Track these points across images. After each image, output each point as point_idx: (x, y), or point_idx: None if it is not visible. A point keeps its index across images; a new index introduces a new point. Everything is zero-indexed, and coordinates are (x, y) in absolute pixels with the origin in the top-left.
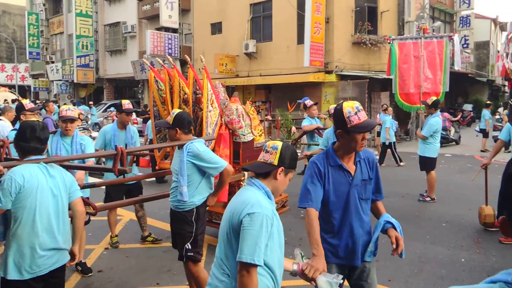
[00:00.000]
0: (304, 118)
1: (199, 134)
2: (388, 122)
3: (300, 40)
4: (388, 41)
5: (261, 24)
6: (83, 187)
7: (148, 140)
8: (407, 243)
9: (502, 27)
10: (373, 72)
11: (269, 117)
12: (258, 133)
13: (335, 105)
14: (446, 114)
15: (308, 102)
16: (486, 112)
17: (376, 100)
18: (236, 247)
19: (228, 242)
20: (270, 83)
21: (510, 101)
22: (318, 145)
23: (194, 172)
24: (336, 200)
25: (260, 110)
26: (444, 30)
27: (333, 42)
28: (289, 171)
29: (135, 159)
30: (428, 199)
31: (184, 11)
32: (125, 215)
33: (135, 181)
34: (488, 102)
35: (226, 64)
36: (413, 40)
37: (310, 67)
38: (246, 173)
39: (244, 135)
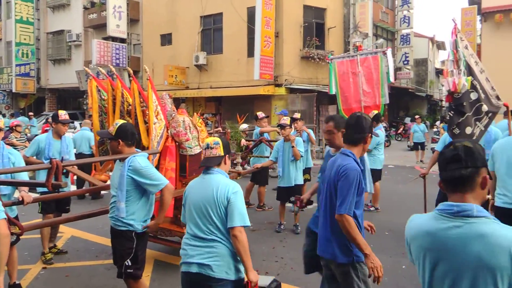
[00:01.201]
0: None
1: (143, 147)
2: None
3: (251, 53)
4: (328, 60)
5: (211, 37)
6: (10, 204)
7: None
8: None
9: (439, 45)
10: (321, 85)
11: (219, 129)
12: None
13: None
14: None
15: (260, 114)
16: (414, 126)
17: (324, 113)
18: (225, 218)
19: (216, 216)
20: (220, 95)
21: (449, 114)
22: (268, 157)
23: (134, 188)
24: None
25: (210, 122)
26: (387, 47)
27: (283, 56)
28: (229, 156)
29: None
30: (372, 208)
31: (133, 21)
32: (66, 231)
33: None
34: (417, 116)
35: (176, 75)
36: (350, 58)
37: (260, 80)
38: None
39: (191, 147)
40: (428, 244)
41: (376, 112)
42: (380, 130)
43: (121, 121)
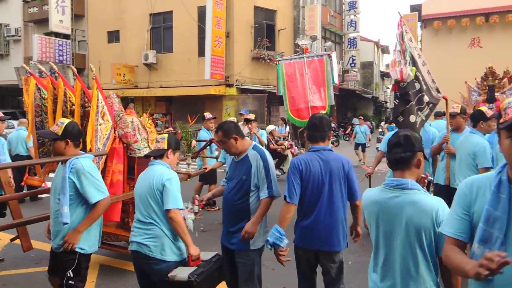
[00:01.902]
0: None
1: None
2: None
3: (201, 52)
4: (275, 62)
5: (161, 35)
6: None
7: None
8: None
9: (383, 49)
10: (272, 86)
11: (170, 129)
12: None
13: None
14: None
15: (207, 115)
16: (356, 127)
17: (275, 114)
18: (161, 203)
19: (154, 202)
20: (171, 95)
21: (394, 102)
22: (217, 158)
23: (76, 193)
24: None
25: (160, 122)
26: (335, 50)
27: (234, 56)
28: (175, 152)
29: None
30: None
31: (78, 16)
32: (3, 237)
33: None
34: (360, 117)
35: (124, 74)
36: (297, 60)
37: (211, 80)
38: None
39: (140, 149)
40: (376, 210)
41: (323, 112)
42: None
43: (67, 120)
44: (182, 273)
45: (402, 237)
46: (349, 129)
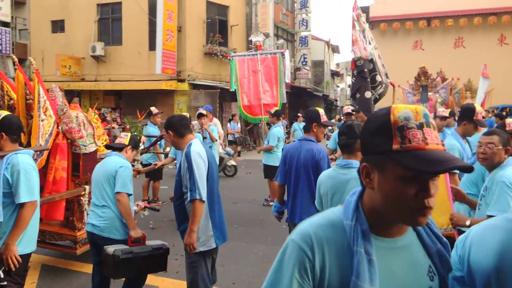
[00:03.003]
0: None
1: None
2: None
3: (152, 46)
4: (229, 57)
5: (110, 27)
6: None
7: None
8: (252, 245)
9: (334, 49)
10: (224, 82)
11: (115, 125)
12: (102, 143)
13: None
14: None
15: (154, 109)
16: (294, 125)
17: (227, 110)
18: (113, 187)
19: (108, 186)
20: (120, 89)
21: (352, 80)
22: (166, 155)
23: (10, 191)
24: None
25: (108, 118)
26: (287, 48)
27: (186, 51)
28: (133, 150)
29: None
30: (272, 203)
31: (18, 3)
32: None
33: None
34: (299, 114)
35: (70, 66)
36: (251, 56)
37: (162, 74)
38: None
39: (85, 145)
40: (330, 183)
41: (276, 108)
42: (279, 128)
43: (5, 113)
44: (112, 248)
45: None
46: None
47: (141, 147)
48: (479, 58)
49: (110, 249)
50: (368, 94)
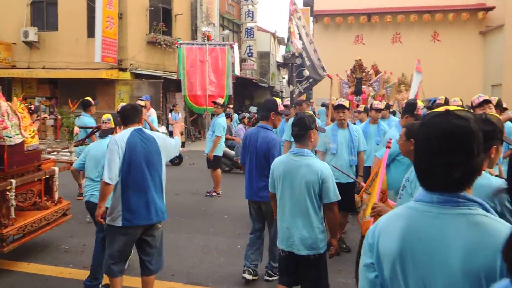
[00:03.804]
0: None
1: None
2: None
3: (91, 33)
4: (176, 45)
5: (44, 11)
6: None
7: None
8: (193, 236)
9: (279, 41)
10: (168, 72)
11: (43, 116)
12: (29, 134)
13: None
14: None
15: (89, 99)
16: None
17: (171, 100)
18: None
19: (102, 163)
20: (56, 77)
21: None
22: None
23: None
24: None
25: (44, 107)
26: (232, 39)
27: (127, 39)
28: (121, 127)
29: None
30: (214, 194)
31: None
32: None
33: None
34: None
35: None
36: (199, 46)
37: (102, 63)
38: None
39: (9, 137)
40: (282, 168)
41: (221, 100)
42: (224, 118)
43: None
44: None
45: (299, 188)
46: (247, 117)
47: (75, 139)
48: (414, 53)
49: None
50: (290, 88)
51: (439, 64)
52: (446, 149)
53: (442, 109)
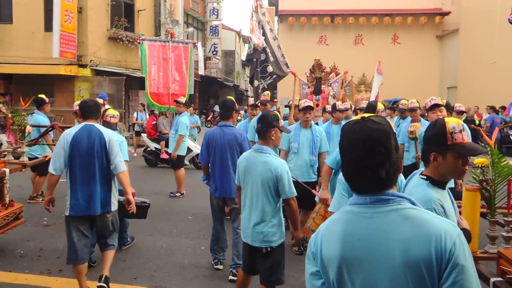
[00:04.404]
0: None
1: None
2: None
3: (49, 27)
4: (138, 40)
5: None
6: None
7: None
8: (157, 238)
9: (245, 39)
10: (131, 69)
11: None
12: None
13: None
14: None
15: (44, 97)
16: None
17: (134, 98)
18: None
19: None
20: (10, 72)
21: (246, 66)
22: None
23: None
24: None
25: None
26: (197, 36)
27: (87, 35)
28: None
29: None
30: (178, 194)
31: None
32: None
33: None
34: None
35: None
36: (162, 43)
37: (60, 58)
38: None
39: None
40: (244, 164)
41: (183, 98)
42: (186, 116)
43: None
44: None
45: (256, 184)
46: (210, 116)
47: (27, 138)
48: (375, 55)
49: (120, 198)
50: (255, 83)
51: (399, 66)
52: (369, 152)
53: (358, 117)
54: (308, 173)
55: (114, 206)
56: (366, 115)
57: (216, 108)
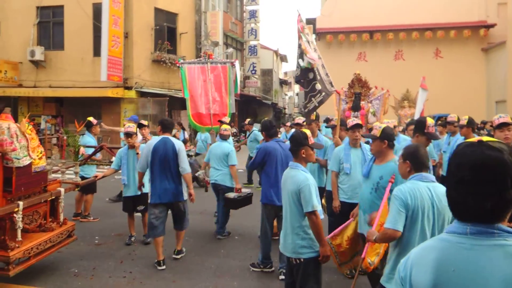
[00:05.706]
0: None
1: None
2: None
3: (97, 52)
4: (178, 64)
5: (50, 31)
6: None
7: None
8: (204, 259)
9: (282, 58)
10: (173, 90)
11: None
12: (37, 155)
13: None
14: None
15: (93, 119)
16: (198, 135)
17: (176, 118)
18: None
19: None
20: (62, 96)
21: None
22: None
23: None
24: None
25: (50, 125)
26: (236, 56)
27: (133, 58)
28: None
29: None
30: None
31: None
32: None
33: None
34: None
35: (6, 71)
36: (200, 65)
37: (108, 81)
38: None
39: (18, 159)
40: (283, 180)
41: (227, 118)
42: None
43: None
44: (232, 194)
45: (286, 197)
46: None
47: (80, 158)
48: (417, 70)
49: (231, 194)
50: (310, 105)
51: (442, 81)
52: (477, 180)
53: (475, 139)
54: None
55: (185, 197)
56: (485, 139)
57: (256, 126)
